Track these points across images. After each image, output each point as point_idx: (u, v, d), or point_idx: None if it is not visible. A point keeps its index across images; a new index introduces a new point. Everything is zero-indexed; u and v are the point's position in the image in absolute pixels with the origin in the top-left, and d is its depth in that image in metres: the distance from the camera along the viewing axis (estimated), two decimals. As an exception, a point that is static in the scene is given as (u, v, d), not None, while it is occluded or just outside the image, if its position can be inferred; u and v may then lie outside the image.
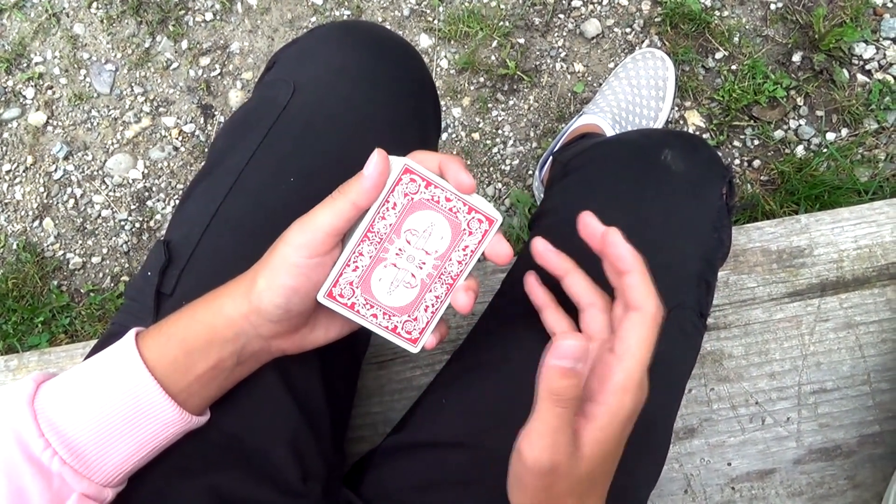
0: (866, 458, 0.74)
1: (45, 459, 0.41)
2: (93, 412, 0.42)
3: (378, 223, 0.45)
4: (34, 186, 1.37)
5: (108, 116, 1.38)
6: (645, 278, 0.42)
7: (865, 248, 0.79)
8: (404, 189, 0.44)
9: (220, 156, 0.58)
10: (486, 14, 1.37)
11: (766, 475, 0.74)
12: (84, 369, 0.44)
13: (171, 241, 0.54)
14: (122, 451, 0.43)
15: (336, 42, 0.59)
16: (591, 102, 1.26)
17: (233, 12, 1.40)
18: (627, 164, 0.58)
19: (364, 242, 0.45)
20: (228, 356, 0.45)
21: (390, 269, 0.46)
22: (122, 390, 0.43)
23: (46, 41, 1.41)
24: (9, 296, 1.31)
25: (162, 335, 0.45)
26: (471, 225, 0.46)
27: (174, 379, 0.44)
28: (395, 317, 0.47)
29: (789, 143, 1.31)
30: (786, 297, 0.78)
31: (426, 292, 0.47)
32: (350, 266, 0.45)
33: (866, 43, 1.32)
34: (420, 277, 0.47)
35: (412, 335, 0.48)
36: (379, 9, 1.39)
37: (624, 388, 0.40)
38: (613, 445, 0.41)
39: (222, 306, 0.45)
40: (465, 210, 0.45)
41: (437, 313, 0.48)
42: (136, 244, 1.35)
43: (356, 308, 0.47)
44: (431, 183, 0.44)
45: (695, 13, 1.33)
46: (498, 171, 1.34)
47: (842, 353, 0.76)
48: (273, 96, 0.57)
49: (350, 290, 0.46)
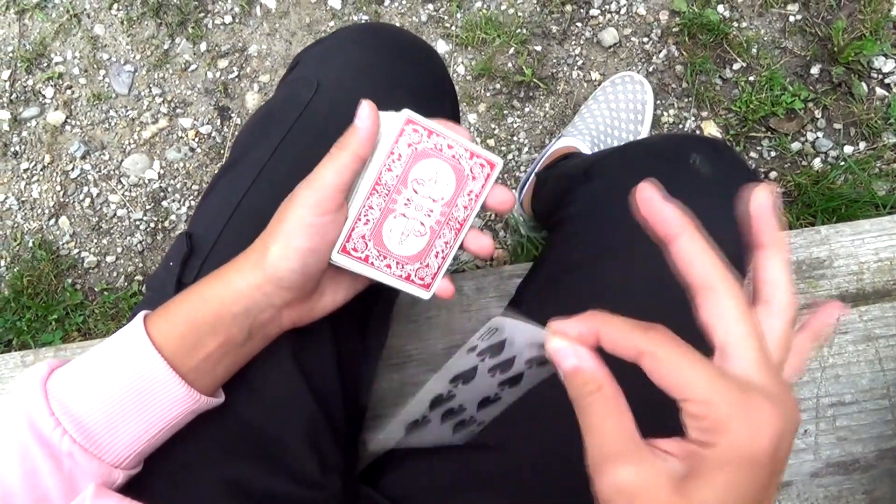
0: (885, 473, 0.73)
1: (55, 439, 0.41)
2: (102, 392, 0.42)
3: (385, 175, 0.45)
4: (51, 185, 1.38)
5: (125, 117, 1.39)
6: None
7: (886, 261, 0.78)
8: (408, 139, 0.45)
9: (243, 151, 0.59)
10: (503, 21, 1.37)
11: (783, 487, 0.73)
12: (95, 352, 0.45)
13: (194, 234, 0.55)
14: (132, 431, 0.43)
15: (359, 43, 0.60)
16: (570, 125, 1.26)
17: (251, 15, 1.41)
18: (654, 168, 0.58)
19: (373, 195, 0.45)
20: (238, 331, 0.45)
21: (400, 220, 0.47)
22: (129, 369, 0.43)
23: (67, 41, 1.42)
24: (24, 293, 1.32)
25: (170, 314, 0.45)
26: (473, 170, 0.47)
27: (182, 357, 0.44)
28: (408, 265, 0.48)
29: (806, 156, 1.30)
30: (805, 308, 0.77)
31: (436, 239, 0.48)
32: (361, 220, 0.46)
33: (885, 57, 1.32)
34: (429, 225, 0.48)
35: (425, 281, 0.49)
36: (397, 14, 1.39)
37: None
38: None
39: (230, 281, 0.45)
40: (466, 156, 0.46)
41: (448, 258, 0.49)
42: (151, 244, 1.36)
43: (370, 261, 0.47)
44: (433, 132, 0.45)
45: (713, 24, 1.33)
46: (512, 177, 1.34)
47: (861, 365, 0.76)
48: (296, 94, 0.58)
49: (363, 244, 0.46)
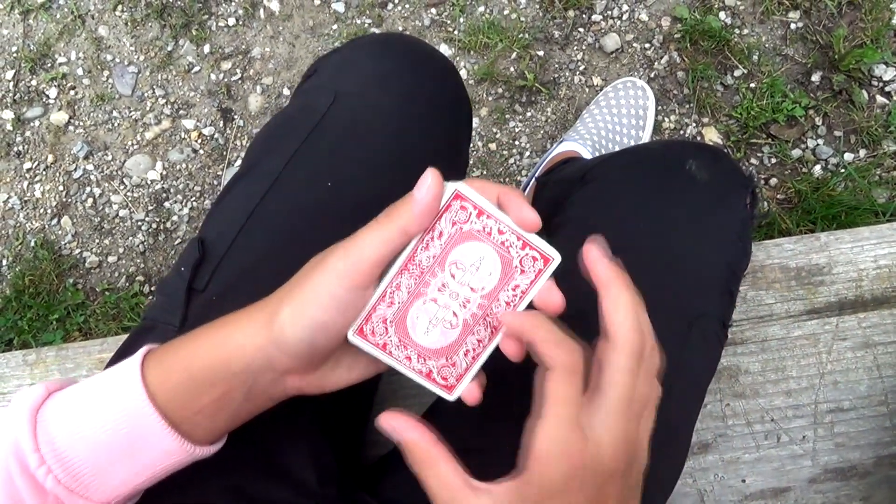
0: (883, 480, 0.73)
1: (39, 476, 0.39)
2: (90, 433, 0.40)
3: (421, 253, 0.39)
4: (54, 185, 1.39)
5: (128, 118, 1.40)
6: (622, 300, 0.37)
7: (885, 268, 0.78)
8: (453, 217, 0.39)
9: (258, 158, 0.58)
10: (506, 26, 1.38)
11: (781, 493, 0.73)
12: (90, 385, 0.42)
13: (206, 239, 0.54)
14: (121, 476, 0.41)
15: (377, 54, 0.60)
16: (572, 129, 1.27)
17: (255, 18, 1.42)
18: (650, 173, 0.58)
19: (403, 274, 0.40)
20: (237, 388, 0.42)
21: (430, 306, 0.41)
22: (120, 414, 0.40)
23: (71, 42, 1.43)
24: (25, 292, 1.32)
25: (168, 358, 0.42)
26: (524, 262, 0.40)
27: (176, 407, 0.41)
28: (431, 360, 0.42)
29: (807, 163, 1.31)
30: (804, 314, 0.77)
31: (468, 335, 0.42)
32: (385, 300, 0.40)
33: (886, 65, 1.32)
34: (463, 317, 0.41)
35: (448, 382, 0.43)
36: (400, 18, 1.40)
37: (538, 456, 0.36)
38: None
39: (232, 335, 0.41)
40: (518, 245, 0.40)
41: (479, 359, 0.43)
42: (153, 245, 1.36)
43: (388, 349, 0.42)
44: (484, 212, 0.39)
45: (714, 30, 1.33)
46: (514, 181, 1.34)
47: (859, 372, 0.76)
48: (313, 103, 0.58)
49: (383, 328, 0.41)
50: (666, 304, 0.53)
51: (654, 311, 0.52)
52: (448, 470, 0.37)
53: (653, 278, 0.54)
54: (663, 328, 0.52)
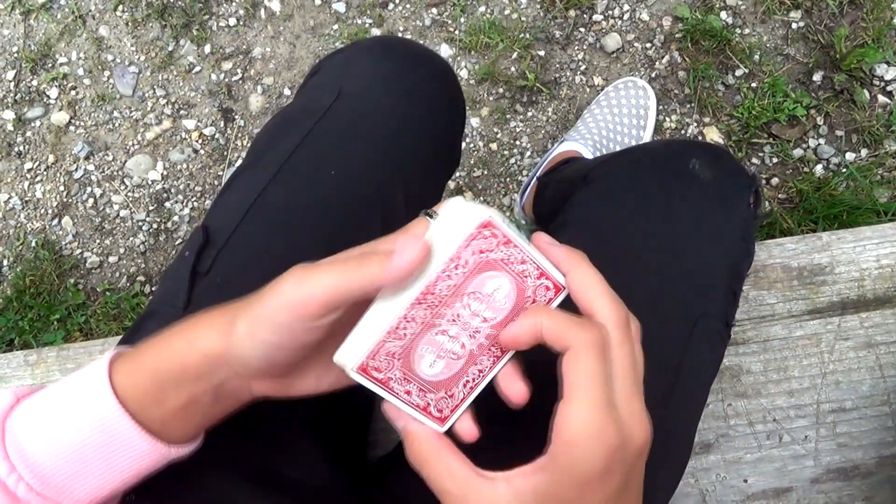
0: (885, 480, 0.73)
1: (10, 484, 0.38)
2: (60, 440, 0.39)
3: (440, 283, 0.37)
4: (54, 185, 1.38)
5: (129, 118, 1.40)
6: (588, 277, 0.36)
7: (888, 268, 0.78)
8: (479, 245, 0.36)
9: (262, 151, 0.59)
10: (506, 26, 1.38)
11: (783, 493, 0.73)
12: (58, 390, 0.41)
13: (210, 226, 0.55)
14: (96, 479, 0.40)
15: (379, 56, 0.61)
16: (573, 129, 1.27)
17: (256, 18, 1.42)
18: (653, 172, 0.58)
19: (418, 306, 0.37)
20: (202, 393, 0.41)
21: (440, 338, 0.38)
22: (90, 419, 0.40)
23: (72, 42, 1.43)
24: (26, 293, 1.32)
25: (135, 362, 0.41)
26: (537, 292, 0.39)
27: (147, 410, 0.40)
28: (431, 393, 0.40)
29: (808, 162, 1.31)
30: (806, 314, 0.77)
31: (471, 365, 0.40)
32: (396, 333, 0.37)
33: (888, 64, 1.32)
34: (469, 348, 0.39)
35: (442, 413, 0.40)
36: (401, 18, 1.40)
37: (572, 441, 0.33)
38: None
39: (196, 339, 0.40)
40: (535, 274, 0.38)
41: (476, 389, 0.41)
42: (153, 245, 1.36)
43: (390, 384, 0.39)
44: (511, 241, 0.37)
45: (716, 30, 1.33)
46: (514, 181, 1.34)
47: (861, 372, 0.76)
48: (317, 99, 0.59)
49: (388, 363, 0.38)
50: (669, 304, 0.53)
51: (657, 310, 0.52)
52: (455, 462, 0.36)
53: (656, 278, 0.54)
54: (666, 327, 0.52)
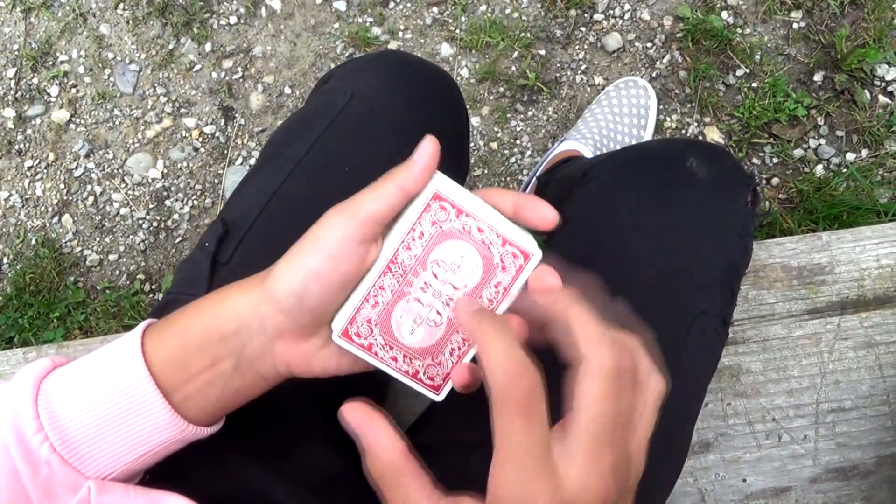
0: (884, 479, 0.73)
1: (34, 444, 0.39)
2: (90, 402, 0.40)
3: (402, 253, 0.40)
4: (55, 183, 1.39)
5: (130, 116, 1.40)
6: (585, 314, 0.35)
7: (888, 268, 0.78)
8: (433, 216, 0.40)
9: (278, 148, 0.61)
10: (507, 25, 1.38)
11: (782, 493, 0.73)
12: (93, 357, 0.43)
13: (228, 219, 0.56)
14: (114, 447, 0.41)
15: (388, 64, 0.64)
16: (573, 129, 1.27)
17: (256, 16, 1.42)
18: (651, 171, 0.58)
19: (386, 275, 0.40)
20: (226, 355, 0.42)
21: (413, 305, 0.41)
22: (118, 382, 0.41)
23: (72, 40, 1.43)
24: (26, 290, 1.32)
25: (166, 327, 0.43)
26: (504, 260, 0.41)
27: (170, 375, 0.41)
28: (417, 360, 0.42)
29: (809, 162, 1.31)
30: (805, 313, 0.77)
31: (453, 333, 0.42)
32: (369, 301, 0.41)
33: (889, 65, 1.32)
34: (447, 316, 0.42)
35: (435, 381, 0.43)
36: (402, 17, 1.40)
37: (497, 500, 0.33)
38: None
39: (229, 296, 0.42)
40: (498, 242, 0.40)
41: (464, 357, 0.43)
42: (154, 243, 1.36)
43: (374, 349, 0.42)
44: (463, 211, 0.40)
45: (717, 30, 1.33)
46: (515, 180, 1.34)
47: (861, 372, 0.76)
48: (331, 100, 0.61)
49: (367, 329, 0.41)
50: (666, 302, 0.53)
51: (654, 308, 0.52)
52: (414, 485, 0.35)
53: (653, 276, 0.54)
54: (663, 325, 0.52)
